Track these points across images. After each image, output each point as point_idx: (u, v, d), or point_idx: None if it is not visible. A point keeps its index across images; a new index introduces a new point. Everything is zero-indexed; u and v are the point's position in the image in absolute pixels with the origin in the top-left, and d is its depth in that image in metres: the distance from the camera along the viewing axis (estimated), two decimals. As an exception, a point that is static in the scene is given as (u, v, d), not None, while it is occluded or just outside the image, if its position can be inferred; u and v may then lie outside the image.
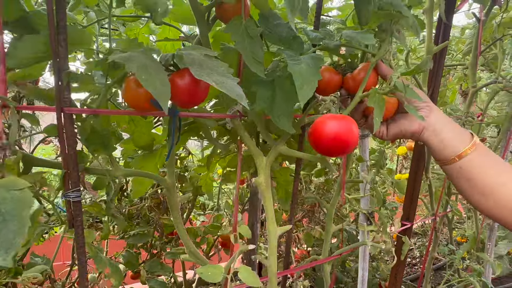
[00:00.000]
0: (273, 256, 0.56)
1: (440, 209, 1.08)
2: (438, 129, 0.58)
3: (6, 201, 0.35)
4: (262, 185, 0.56)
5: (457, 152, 0.56)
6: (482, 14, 0.93)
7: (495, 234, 1.26)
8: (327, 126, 0.48)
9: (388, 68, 0.61)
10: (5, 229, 0.33)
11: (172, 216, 0.59)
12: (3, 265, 0.31)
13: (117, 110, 0.60)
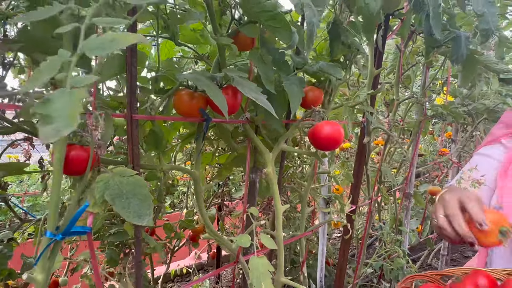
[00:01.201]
0: (280, 226, 0.74)
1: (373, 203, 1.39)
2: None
3: (123, 184, 0.47)
4: (270, 174, 0.74)
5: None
6: (403, 45, 1.25)
7: (410, 213, 1.64)
8: (324, 129, 0.68)
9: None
10: (131, 204, 0.46)
11: (197, 201, 0.73)
12: (140, 223, 0.44)
13: (172, 116, 0.72)
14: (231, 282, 2.03)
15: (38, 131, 0.24)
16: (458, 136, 1.92)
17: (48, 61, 0.28)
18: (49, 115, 0.24)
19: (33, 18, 0.31)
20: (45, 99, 0.25)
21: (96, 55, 0.28)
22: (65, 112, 0.23)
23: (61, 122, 0.23)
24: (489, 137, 0.81)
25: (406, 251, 1.53)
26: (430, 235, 2.00)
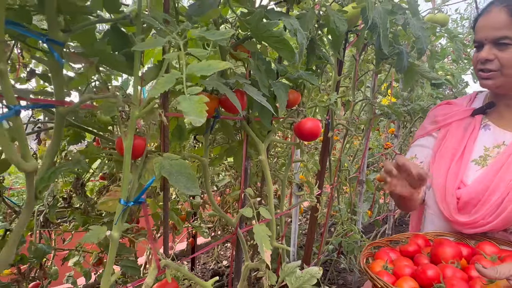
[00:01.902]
0: (271, 201, 0.92)
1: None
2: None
3: (172, 165, 0.62)
4: (264, 161, 0.92)
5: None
6: (358, 55, 1.51)
7: (362, 198, 1.92)
8: (307, 124, 0.88)
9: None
10: (180, 180, 0.61)
11: (205, 184, 0.89)
12: (189, 193, 0.59)
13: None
14: (206, 265, 2.18)
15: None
16: (400, 132, 2.25)
17: (165, 76, 0.43)
18: (183, 111, 0.39)
19: (146, 47, 0.46)
20: (177, 102, 0.40)
21: (199, 75, 0.43)
22: (193, 109, 0.39)
23: (193, 116, 0.39)
24: (421, 130, 1.07)
25: (360, 229, 1.81)
26: (378, 217, 2.33)
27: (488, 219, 0.81)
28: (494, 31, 0.82)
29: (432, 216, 0.96)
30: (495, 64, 0.83)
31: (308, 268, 0.85)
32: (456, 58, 1.59)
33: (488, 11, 0.85)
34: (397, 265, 0.75)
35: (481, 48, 0.86)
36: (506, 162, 0.81)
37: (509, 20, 0.80)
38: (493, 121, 0.91)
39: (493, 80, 0.85)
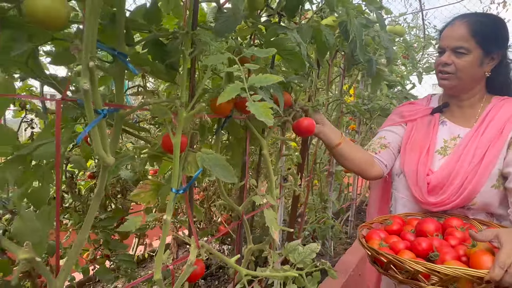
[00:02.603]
0: (273, 189, 1.06)
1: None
2: (326, 130, 1.11)
3: (210, 159, 0.73)
4: (266, 154, 1.05)
5: (335, 142, 1.17)
6: (331, 60, 1.69)
7: (332, 187, 2.13)
8: (304, 122, 1.03)
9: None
10: (217, 171, 0.72)
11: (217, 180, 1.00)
12: (226, 181, 0.71)
13: (211, 114, 0.95)
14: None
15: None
16: (361, 128, 2.51)
17: (232, 85, 0.55)
18: (254, 114, 0.52)
19: (212, 62, 0.56)
20: (248, 105, 0.52)
21: (258, 86, 0.55)
22: (261, 113, 0.52)
23: (263, 118, 0.51)
24: (389, 121, 1.25)
25: (331, 216, 2.02)
26: (343, 205, 2.58)
27: (452, 198, 1.00)
28: (454, 41, 1.00)
29: (404, 200, 1.14)
30: (452, 68, 1.02)
31: (308, 244, 1.01)
32: (411, 62, 1.85)
33: (452, 24, 1.04)
34: (390, 241, 0.91)
35: (443, 54, 1.04)
36: (463, 152, 1.02)
37: (467, 34, 0.99)
38: (448, 118, 1.12)
39: (449, 81, 1.04)
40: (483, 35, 0.99)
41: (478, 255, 0.79)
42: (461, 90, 1.07)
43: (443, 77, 1.05)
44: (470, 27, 0.99)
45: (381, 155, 1.17)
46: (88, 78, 0.48)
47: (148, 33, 0.66)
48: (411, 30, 2.88)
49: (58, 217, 0.53)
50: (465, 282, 0.75)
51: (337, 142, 1.10)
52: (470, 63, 0.99)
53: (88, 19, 0.47)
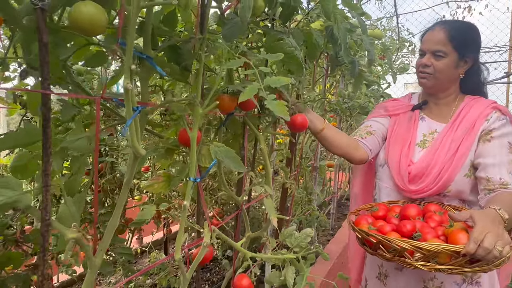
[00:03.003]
0: (270, 180, 1.15)
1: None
2: (311, 118, 1.16)
3: (221, 151, 0.81)
4: (264, 148, 1.14)
5: (319, 127, 1.24)
6: (315, 61, 1.80)
7: (317, 181, 2.26)
8: (298, 118, 1.12)
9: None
10: (228, 162, 0.80)
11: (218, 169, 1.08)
12: (239, 170, 0.79)
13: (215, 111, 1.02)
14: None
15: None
16: (341, 125, 2.65)
17: (250, 86, 0.63)
18: (273, 112, 0.60)
19: (231, 66, 0.65)
20: (266, 103, 0.61)
21: (274, 86, 0.64)
22: (278, 110, 0.60)
23: (280, 114, 0.60)
24: (375, 113, 1.37)
25: (316, 207, 2.14)
26: (325, 199, 2.71)
27: (430, 186, 1.12)
28: (434, 45, 1.12)
29: (387, 189, 1.26)
30: (431, 69, 1.13)
31: (304, 229, 1.11)
32: (388, 63, 1.99)
33: (433, 29, 1.14)
34: (378, 225, 1.01)
35: (424, 56, 1.15)
36: (440, 145, 1.14)
37: (445, 39, 1.10)
38: (427, 114, 1.26)
39: (428, 81, 1.16)
40: (459, 40, 1.11)
41: (455, 233, 0.90)
42: (438, 89, 1.20)
43: (423, 77, 1.17)
44: (448, 32, 1.11)
45: (367, 141, 1.27)
46: (129, 78, 0.55)
47: (167, 38, 0.73)
48: (386, 33, 3.06)
49: (97, 203, 0.59)
50: (444, 256, 0.86)
51: (321, 127, 1.19)
52: (447, 65, 1.12)
53: (129, 30, 0.54)
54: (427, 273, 1.14)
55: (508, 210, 0.91)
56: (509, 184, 1.04)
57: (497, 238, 0.80)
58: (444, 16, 5.49)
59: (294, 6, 1.02)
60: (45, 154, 0.52)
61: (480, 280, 1.13)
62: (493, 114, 1.14)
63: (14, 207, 0.51)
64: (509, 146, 1.10)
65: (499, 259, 0.82)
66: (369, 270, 1.36)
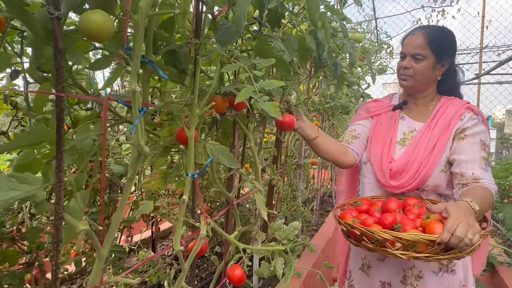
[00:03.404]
0: (259, 177, 1.21)
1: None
2: (305, 126, 1.23)
3: (216, 149, 0.86)
4: (253, 147, 1.20)
5: (313, 136, 1.31)
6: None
7: (301, 178, 2.34)
8: (286, 118, 1.19)
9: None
10: (222, 157, 0.86)
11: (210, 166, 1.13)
12: (233, 167, 0.84)
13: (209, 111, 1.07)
14: (167, 257, 2.34)
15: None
16: (324, 124, 2.74)
17: (245, 89, 0.69)
18: (266, 111, 0.66)
19: (228, 69, 0.70)
20: (257, 106, 0.67)
21: (269, 89, 0.70)
22: (272, 110, 0.66)
23: (273, 114, 0.66)
24: (358, 116, 1.44)
25: (301, 203, 2.22)
26: (309, 195, 2.80)
27: (410, 182, 1.18)
28: (413, 49, 1.18)
29: (370, 185, 1.32)
30: (411, 71, 1.19)
31: (292, 223, 1.17)
32: (368, 65, 2.09)
33: (413, 33, 1.21)
34: (361, 218, 1.08)
35: (404, 59, 1.21)
36: (418, 143, 1.22)
37: (424, 43, 1.16)
38: (407, 114, 1.33)
39: (408, 82, 1.23)
40: (436, 44, 1.18)
41: (431, 224, 0.96)
42: (417, 90, 1.27)
43: (403, 79, 1.25)
44: (427, 37, 1.18)
45: (353, 145, 1.35)
46: (137, 81, 0.60)
47: (166, 43, 0.78)
48: (366, 35, 3.19)
49: (103, 198, 0.64)
50: (422, 245, 0.93)
51: (314, 136, 1.27)
52: (425, 67, 1.20)
53: (136, 37, 0.59)
54: (407, 263, 1.22)
55: (479, 202, 0.98)
56: (480, 179, 1.12)
57: (468, 228, 0.87)
58: (420, 19, 5.72)
59: (282, 13, 1.09)
60: (59, 152, 0.56)
61: (455, 268, 1.22)
62: (467, 114, 1.21)
63: (32, 201, 0.54)
64: (480, 143, 1.18)
65: (470, 247, 0.88)
66: (353, 263, 1.42)
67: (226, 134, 1.29)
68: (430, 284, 1.21)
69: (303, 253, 2.12)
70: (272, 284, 1.94)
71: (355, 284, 1.39)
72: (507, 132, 15.67)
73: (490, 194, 1.07)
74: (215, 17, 1.00)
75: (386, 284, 1.28)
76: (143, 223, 1.94)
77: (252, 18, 1.15)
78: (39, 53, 0.62)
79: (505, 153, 13.01)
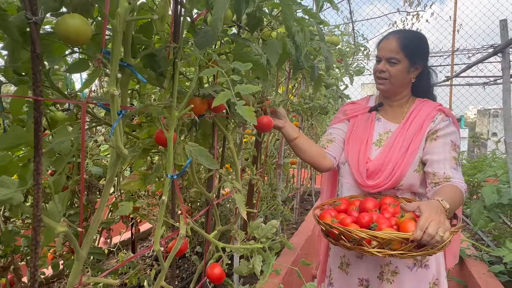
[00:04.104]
0: (239, 177, 1.24)
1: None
2: (287, 126, 1.27)
3: (195, 150, 0.88)
4: (233, 148, 1.23)
5: (294, 136, 1.37)
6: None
7: (281, 178, 2.38)
8: (264, 119, 1.22)
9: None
10: (201, 158, 0.88)
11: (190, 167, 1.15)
12: (210, 167, 0.87)
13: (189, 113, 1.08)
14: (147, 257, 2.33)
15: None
16: (303, 124, 2.80)
17: (223, 93, 0.71)
18: (242, 115, 0.69)
19: (207, 74, 0.72)
20: (235, 108, 0.70)
21: (243, 93, 0.72)
22: (247, 115, 0.69)
23: (248, 118, 0.69)
24: (336, 119, 1.50)
25: (281, 203, 2.26)
26: (289, 194, 2.85)
27: (385, 181, 1.22)
28: (388, 53, 1.23)
29: (348, 185, 1.37)
30: (386, 75, 1.24)
31: (270, 221, 1.21)
32: (345, 69, 2.15)
33: (387, 38, 1.26)
34: (340, 218, 1.11)
35: (380, 62, 1.26)
36: (393, 144, 1.27)
37: (398, 47, 1.21)
38: (382, 115, 1.38)
39: (384, 85, 1.28)
40: (409, 49, 1.24)
41: (405, 222, 0.99)
42: (393, 93, 1.32)
43: (379, 82, 1.30)
44: (400, 41, 1.22)
45: (329, 149, 1.39)
46: (115, 85, 0.61)
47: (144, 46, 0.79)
48: (343, 37, 3.27)
49: (82, 200, 0.65)
50: (396, 243, 0.97)
51: (295, 136, 1.30)
52: (400, 71, 1.25)
53: (115, 42, 0.60)
54: (384, 259, 1.27)
55: (449, 201, 1.03)
56: (451, 178, 1.17)
57: (439, 225, 0.91)
58: (396, 22, 5.91)
59: (260, 17, 1.12)
60: (37, 155, 0.57)
61: (428, 263, 1.28)
62: (438, 116, 1.27)
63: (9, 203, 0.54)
64: (451, 144, 1.23)
65: (441, 243, 0.93)
66: (332, 261, 1.46)
67: (206, 135, 1.31)
68: (405, 279, 1.26)
69: (283, 251, 2.16)
70: (252, 282, 1.98)
71: (335, 282, 1.43)
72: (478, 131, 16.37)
73: (460, 192, 1.13)
74: (194, 20, 1.01)
75: (364, 280, 1.33)
76: (122, 225, 1.93)
77: (231, 21, 1.17)
78: (15, 56, 0.62)
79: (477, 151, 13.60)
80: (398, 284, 1.27)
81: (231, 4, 0.99)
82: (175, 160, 0.86)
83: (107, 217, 1.63)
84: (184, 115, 0.84)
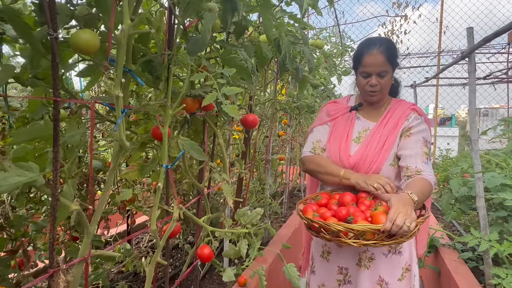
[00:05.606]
0: (227, 170, 1.37)
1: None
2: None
3: (187, 144, 1.01)
4: (222, 143, 1.36)
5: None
6: (267, 66, 2.05)
7: (269, 173, 2.51)
8: (250, 117, 1.35)
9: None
10: (192, 151, 1.00)
11: (183, 161, 1.27)
12: (199, 159, 0.99)
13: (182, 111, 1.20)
14: (145, 245, 2.45)
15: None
16: (292, 122, 2.94)
17: (210, 94, 0.84)
18: (224, 112, 0.82)
19: (197, 78, 0.85)
20: (221, 107, 0.82)
21: (229, 94, 0.85)
22: (232, 112, 0.82)
23: (231, 114, 0.81)
24: (319, 120, 1.61)
25: (270, 197, 2.40)
26: (278, 189, 2.99)
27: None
28: (378, 68, 1.31)
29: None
30: (378, 87, 1.34)
31: (255, 209, 1.34)
32: (329, 70, 2.29)
33: (371, 53, 1.31)
34: (320, 212, 1.21)
35: (369, 77, 1.33)
36: (371, 140, 1.39)
37: (385, 60, 1.30)
38: (362, 115, 1.50)
39: (377, 96, 1.37)
40: (392, 58, 1.36)
41: (377, 215, 1.09)
42: (381, 99, 1.45)
43: (372, 95, 1.38)
44: (385, 54, 1.31)
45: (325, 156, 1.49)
46: (120, 89, 0.74)
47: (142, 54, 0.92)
48: (332, 38, 3.41)
49: (91, 182, 0.77)
50: (370, 233, 1.08)
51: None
52: (388, 79, 1.38)
53: (119, 52, 0.73)
54: (362, 248, 1.40)
55: (419, 193, 1.15)
56: (422, 171, 1.27)
57: (406, 217, 1.01)
58: (384, 23, 6.08)
59: (245, 25, 1.25)
60: (55, 145, 0.70)
61: (402, 250, 1.40)
62: (412, 114, 1.39)
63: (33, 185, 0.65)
64: (423, 140, 1.34)
65: (409, 233, 1.03)
66: (314, 251, 1.56)
67: (197, 131, 1.44)
68: (381, 264, 1.39)
69: (271, 241, 2.30)
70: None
71: (316, 270, 1.55)
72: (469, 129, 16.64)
73: (429, 185, 1.25)
74: (186, 28, 1.14)
75: (343, 269, 1.46)
76: (119, 216, 2.04)
77: (220, 28, 1.30)
78: (34, 63, 0.74)
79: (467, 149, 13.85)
80: (374, 270, 1.39)
81: (219, 14, 1.12)
82: (169, 153, 0.99)
83: (106, 207, 1.75)
84: (177, 113, 0.97)
